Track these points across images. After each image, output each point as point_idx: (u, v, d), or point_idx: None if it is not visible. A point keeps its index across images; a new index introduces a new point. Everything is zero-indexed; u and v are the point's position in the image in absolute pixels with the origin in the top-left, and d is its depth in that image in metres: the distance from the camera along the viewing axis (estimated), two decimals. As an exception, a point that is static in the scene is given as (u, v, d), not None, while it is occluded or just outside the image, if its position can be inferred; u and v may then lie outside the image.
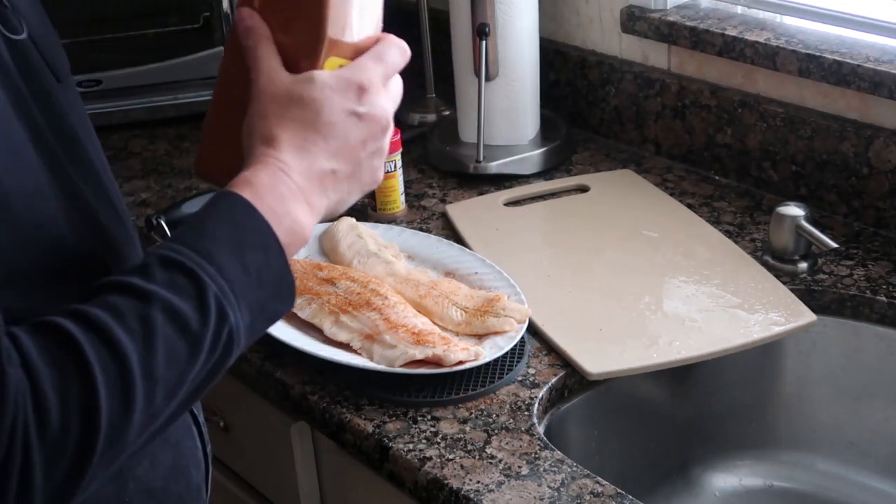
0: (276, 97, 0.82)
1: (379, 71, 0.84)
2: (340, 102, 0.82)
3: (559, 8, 1.64)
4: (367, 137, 0.83)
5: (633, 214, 1.39)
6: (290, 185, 0.79)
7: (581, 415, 1.16)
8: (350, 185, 0.84)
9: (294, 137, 0.81)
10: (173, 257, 0.73)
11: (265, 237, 0.77)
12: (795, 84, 1.40)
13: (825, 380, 1.26)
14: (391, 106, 0.85)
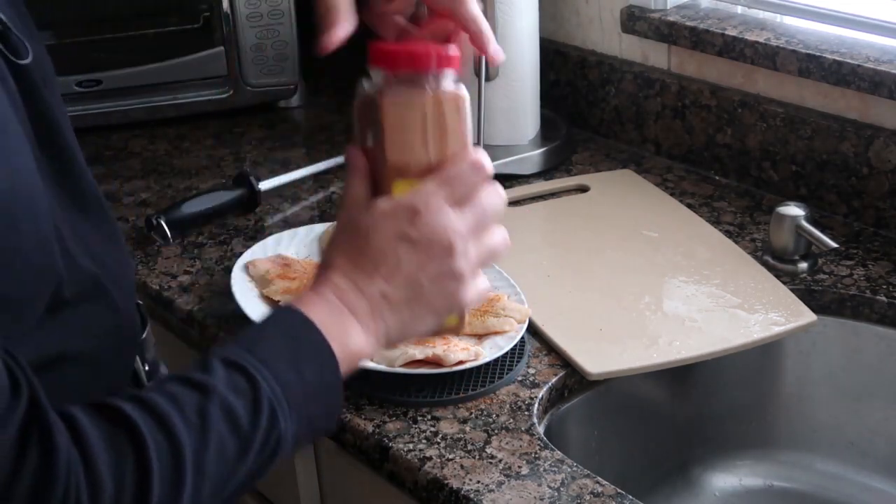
0: (343, 226, 0.86)
1: (441, 193, 0.83)
2: (392, 227, 0.83)
3: (559, 8, 1.64)
4: (424, 261, 0.83)
5: (633, 214, 1.39)
6: (342, 307, 0.82)
7: (581, 415, 1.16)
8: (413, 309, 0.84)
9: (346, 262, 0.83)
10: (234, 359, 0.75)
11: (321, 352, 0.79)
12: (795, 84, 1.40)
13: (825, 380, 1.26)
14: (461, 223, 0.84)
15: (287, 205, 1.49)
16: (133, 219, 1.46)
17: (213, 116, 1.76)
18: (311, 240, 1.34)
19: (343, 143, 1.67)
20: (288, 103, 1.80)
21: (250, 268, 1.26)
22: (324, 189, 1.53)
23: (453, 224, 0.83)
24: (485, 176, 0.85)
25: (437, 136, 0.84)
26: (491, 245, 0.86)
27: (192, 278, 1.32)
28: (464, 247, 0.83)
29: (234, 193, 1.46)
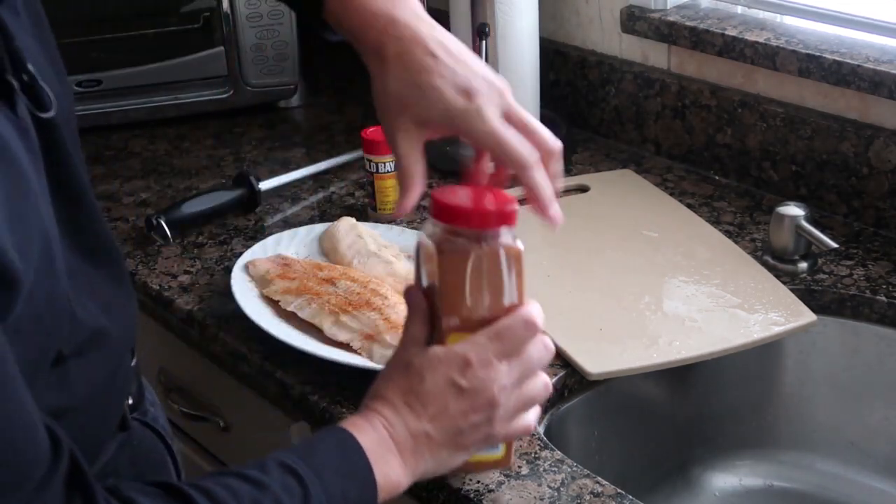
0: (397, 363, 0.91)
1: (492, 347, 0.88)
2: (444, 374, 0.88)
3: (559, 8, 1.65)
4: (468, 409, 0.88)
5: (633, 214, 1.39)
6: (387, 438, 0.87)
7: (581, 415, 1.16)
8: (450, 449, 0.89)
9: (398, 399, 0.88)
10: (289, 464, 0.81)
11: (365, 477, 0.84)
12: (795, 84, 1.40)
13: (825, 380, 1.26)
14: (507, 378, 0.89)
15: (287, 205, 1.49)
16: (133, 219, 1.46)
17: (213, 116, 1.76)
18: (311, 240, 1.34)
19: (342, 144, 1.67)
20: (288, 103, 1.80)
21: (250, 268, 1.26)
22: (324, 189, 1.53)
23: (500, 379, 0.88)
24: (535, 332, 0.90)
25: (491, 291, 0.89)
26: (532, 393, 0.92)
27: (192, 278, 1.32)
28: (506, 400, 0.89)
29: (234, 193, 1.46)
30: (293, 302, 1.18)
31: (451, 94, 0.88)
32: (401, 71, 0.90)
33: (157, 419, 1.02)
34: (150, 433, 1.00)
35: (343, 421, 0.89)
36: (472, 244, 0.88)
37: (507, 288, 0.89)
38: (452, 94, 0.88)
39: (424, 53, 0.89)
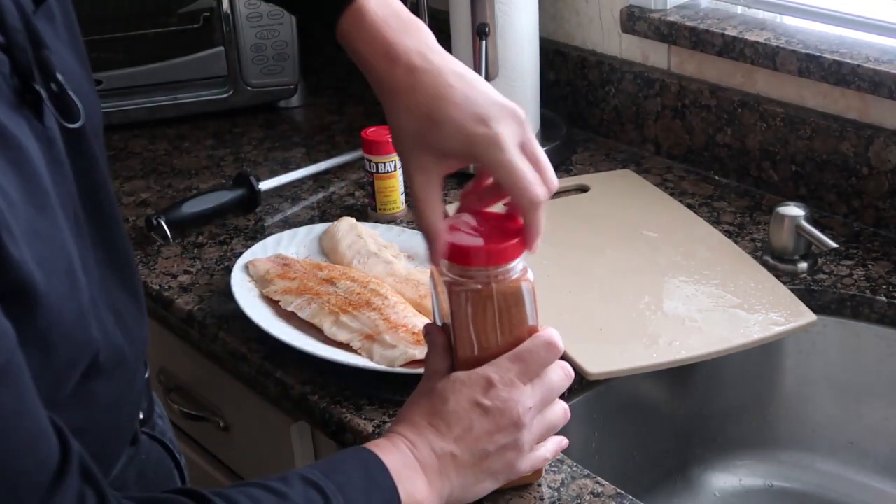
0: (421, 391, 0.92)
1: (514, 369, 0.89)
2: (467, 395, 0.89)
3: (559, 8, 1.65)
4: (493, 430, 0.88)
5: (633, 214, 1.39)
6: (411, 458, 0.87)
7: (581, 415, 1.16)
8: (476, 474, 0.89)
9: (421, 420, 0.89)
10: (312, 479, 0.81)
11: (390, 493, 0.84)
12: (795, 84, 1.40)
13: (825, 380, 1.26)
14: (530, 400, 0.89)
15: (287, 205, 1.49)
16: (133, 219, 1.46)
17: (213, 116, 1.76)
18: (311, 240, 1.34)
19: (342, 144, 1.67)
20: (288, 103, 1.80)
21: (250, 268, 1.26)
22: (324, 189, 1.53)
23: (524, 400, 0.89)
24: (556, 353, 0.90)
25: (504, 325, 0.90)
26: (552, 419, 0.93)
27: (192, 278, 1.32)
28: (530, 421, 0.90)
29: (234, 193, 1.46)
30: (293, 302, 1.18)
31: (469, 122, 0.86)
32: (414, 104, 0.88)
33: (164, 432, 1.02)
34: (158, 447, 0.99)
35: (370, 442, 0.89)
36: (483, 282, 0.89)
37: (518, 322, 0.90)
38: (471, 122, 0.86)
39: (438, 84, 0.88)
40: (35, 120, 0.73)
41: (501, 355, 0.90)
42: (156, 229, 1.39)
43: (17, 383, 0.66)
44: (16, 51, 0.72)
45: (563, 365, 0.93)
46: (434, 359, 0.93)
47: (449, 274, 0.89)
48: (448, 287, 0.89)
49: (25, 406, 0.67)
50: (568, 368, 0.93)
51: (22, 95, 0.73)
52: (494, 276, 0.88)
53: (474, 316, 0.89)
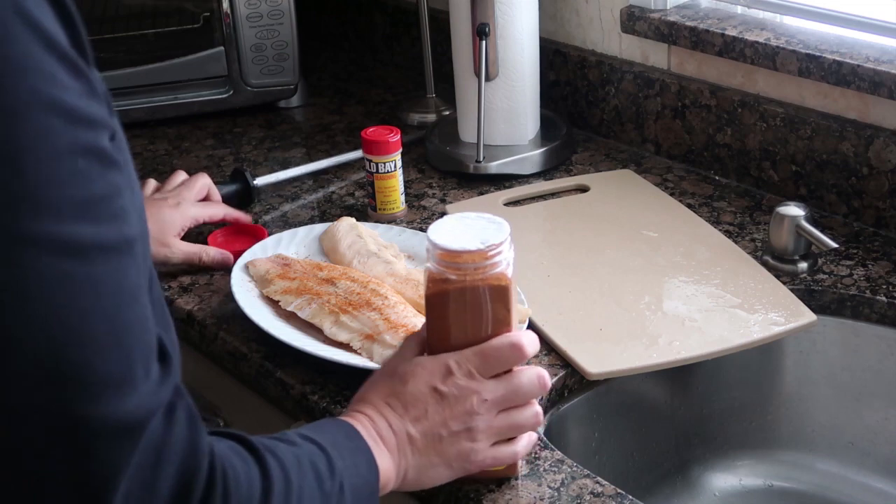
0: (384, 371, 0.95)
1: (475, 361, 0.92)
2: (427, 379, 0.91)
3: (559, 8, 1.65)
4: (447, 416, 0.91)
5: (633, 214, 1.39)
6: (375, 435, 0.89)
7: (581, 415, 1.16)
8: (430, 457, 0.92)
9: (379, 400, 0.92)
10: (308, 435, 0.84)
11: (368, 455, 0.87)
12: (795, 84, 1.40)
13: (825, 380, 1.26)
14: (490, 393, 0.92)
15: (287, 204, 1.49)
16: (133, 219, 1.46)
17: (213, 116, 1.76)
18: (311, 240, 1.34)
19: (342, 144, 1.67)
20: (288, 103, 1.80)
21: (250, 268, 1.26)
22: (324, 189, 1.53)
23: (481, 392, 0.91)
24: (521, 355, 0.92)
25: (473, 321, 0.92)
26: (517, 420, 0.94)
27: (192, 278, 1.32)
28: (486, 412, 0.92)
29: (229, 188, 1.47)
30: (293, 302, 1.18)
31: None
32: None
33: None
34: None
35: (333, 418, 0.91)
36: (456, 279, 0.91)
37: (489, 320, 0.92)
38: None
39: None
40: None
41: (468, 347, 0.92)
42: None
43: (142, 264, 0.67)
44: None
45: (540, 373, 0.95)
46: (407, 342, 0.96)
47: (430, 265, 0.92)
48: (426, 281, 0.92)
49: (143, 288, 0.67)
50: (544, 378, 0.95)
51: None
52: (475, 270, 0.90)
53: (438, 314, 0.92)
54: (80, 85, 0.63)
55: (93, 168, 0.63)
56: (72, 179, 0.62)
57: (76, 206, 0.62)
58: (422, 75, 1.72)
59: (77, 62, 0.63)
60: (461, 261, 0.90)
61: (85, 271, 0.62)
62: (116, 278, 0.64)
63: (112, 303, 0.64)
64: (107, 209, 0.64)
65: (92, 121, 0.63)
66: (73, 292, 0.62)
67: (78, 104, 0.62)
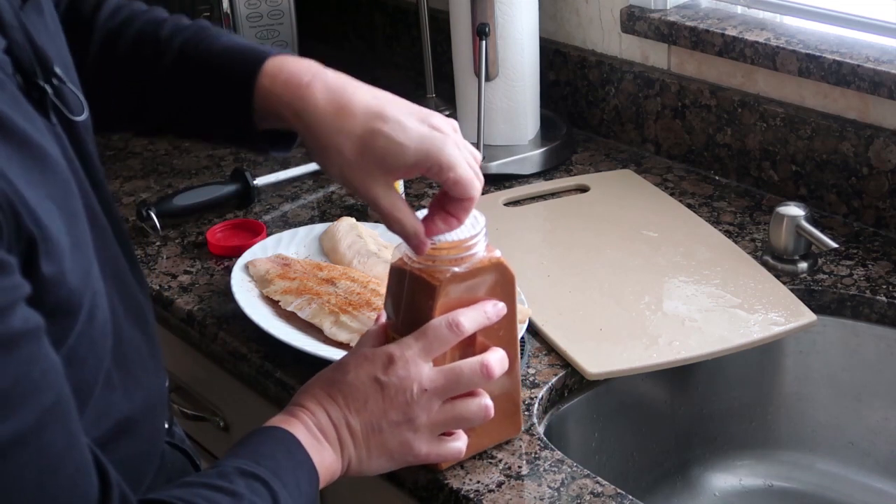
0: (335, 363, 0.95)
1: (416, 346, 0.90)
2: (367, 369, 0.91)
3: (559, 8, 1.65)
4: (387, 406, 0.90)
5: (633, 214, 1.39)
6: (312, 427, 0.89)
7: (581, 415, 1.16)
8: (371, 447, 0.91)
9: (320, 391, 0.91)
10: (249, 470, 0.82)
11: (309, 469, 0.87)
12: (795, 84, 1.40)
13: (825, 380, 1.26)
14: (431, 382, 0.90)
15: (287, 204, 1.49)
16: (133, 219, 1.46)
17: (213, 116, 1.76)
18: (311, 240, 1.34)
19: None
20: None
21: (250, 268, 1.26)
22: (323, 188, 1.53)
23: (420, 378, 0.90)
24: (457, 335, 0.90)
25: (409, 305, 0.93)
26: (462, 411, 0.92)
27: (192, 278, 1.32)
28: (426, 402, 0.90)
29: (228, 188, 1.47)
30: (293, 302, 1.18)
31: (414, 125, 0.88)
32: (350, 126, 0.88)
33: (183, 440, 1.02)
34: (180, 455, 1.00)
35: (271, 420, 0.91)
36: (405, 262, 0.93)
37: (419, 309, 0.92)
38: (416, 124, 0.88)
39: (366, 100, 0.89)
40: (42, 118, 0.72)
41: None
42: (146, 220, 1.40)
43: (66, 418, 0.66)
44: (16, 49, 0.71)
45: (484, 360, 0.92)
46: (365, 336, 0.96)
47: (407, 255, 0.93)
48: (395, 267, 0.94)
49: (72, 441, 0.67)
50: (488, 366, 0.92)
51: (27, 94, 0.72)
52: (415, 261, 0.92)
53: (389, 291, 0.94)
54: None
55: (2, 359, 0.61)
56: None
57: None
58: (422, 75, 1.72)
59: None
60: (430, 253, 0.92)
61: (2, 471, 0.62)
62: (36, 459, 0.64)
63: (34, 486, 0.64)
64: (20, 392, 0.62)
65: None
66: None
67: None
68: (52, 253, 0.66)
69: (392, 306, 0.95)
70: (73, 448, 0.67)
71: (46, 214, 0.66)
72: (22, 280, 0.63)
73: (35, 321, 0.64)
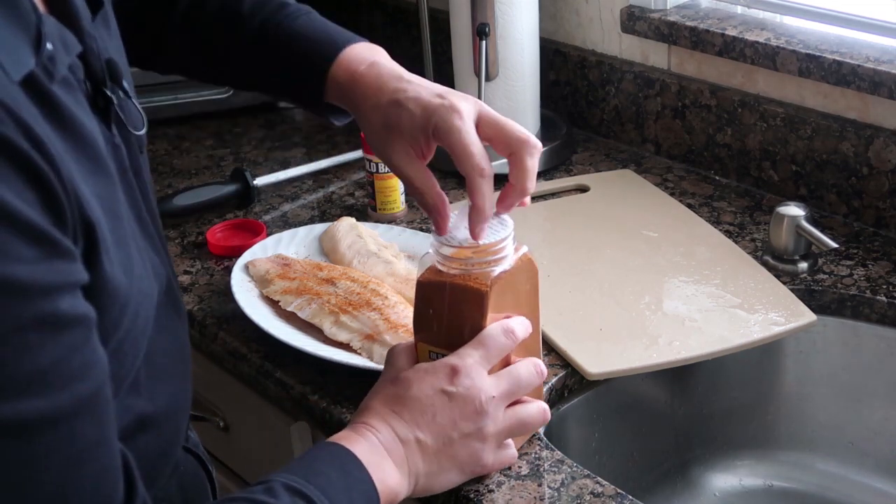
0: (386, 378, 0.93)
1: (476, 355, 0.90)
2: (431, 382, 0.90)
3: (559, 8, 1.64)
4: (457, 417, 0.89)
5: (633, 214, 1.39)
6: (377, 445, 0.87)
7: (581, 415, 1.16)
8: (442, 461, 0.90)
9: (383, 407, 0.90)
10: (296, 486, 0.80)
11: (367, 488, 0.85)
12: (795, 84, 1.40)
13: (825, 380, 1.26)
14: (494, 390, 0.91)
15: (287, 204, 1.49)
16: (133, 219, 1.46)
17: (213, 116, 1.76)
18: (311, 240, 1.34)
19: (342, 144, 1.67)
20: (288, 103, 1.80)
21: (250, 268, 1.26)
22: (324, 189, 1.53)
23: (486, 386, 0.90)
24: (514, 339, 0.92)
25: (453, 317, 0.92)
26: (525, 416, 0.93)
27: (192, 278, 1.32)
28: (494, 411, 0.90)
29: (228, 188, 1.47)
30: (293, 302, 1.18)
31: (429, 97, 0.94)
32: (377, 102, 0.96)
33: (197, 444, 1.02)
34: (193, 459, 1.00)
35: (333, 436, 0.89)
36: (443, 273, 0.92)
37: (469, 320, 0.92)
38: (431, 97, 0.94)
39: (400, 80, 0.97)
40: (103, 126, 0.74)
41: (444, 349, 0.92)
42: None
43: (101, 414, 0.67)
44: (90, 56, 0.73)
45: (535, 361, 0.94)
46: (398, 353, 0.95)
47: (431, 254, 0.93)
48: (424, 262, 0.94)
49: (104, 438, 0.67)
50: (540, 366, 0.94)
51: (93, 101, 0.74)
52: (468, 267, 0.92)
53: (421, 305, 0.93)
54: (38, 251, 0.61)
55: (44, 337, 0.62)
56: (17, 357, 0.61)
57: (21, 383, 0.61)
58: (422, 75, 1.72)
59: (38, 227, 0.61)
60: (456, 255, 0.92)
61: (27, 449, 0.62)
62: (64, 445, 0.64)
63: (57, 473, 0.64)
64: (59, 374, 0.63)
65: (47, 287, 0.61)
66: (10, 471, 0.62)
67: (32, 275, 0.60)
68: (106, 247, 0.68)
69: (427, 320, 0.94)
70: (103, 446, 0.67)
71: (96, 209, 0.68)
72: (80, 268, 0.65)
73: (84, 310, 0.65)
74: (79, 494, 0.65)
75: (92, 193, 0.68)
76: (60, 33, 0.68)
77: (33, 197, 0.61)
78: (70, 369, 0.63)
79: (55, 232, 0.62)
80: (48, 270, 0.61)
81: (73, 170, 0.65)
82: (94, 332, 0.66)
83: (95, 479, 0.66)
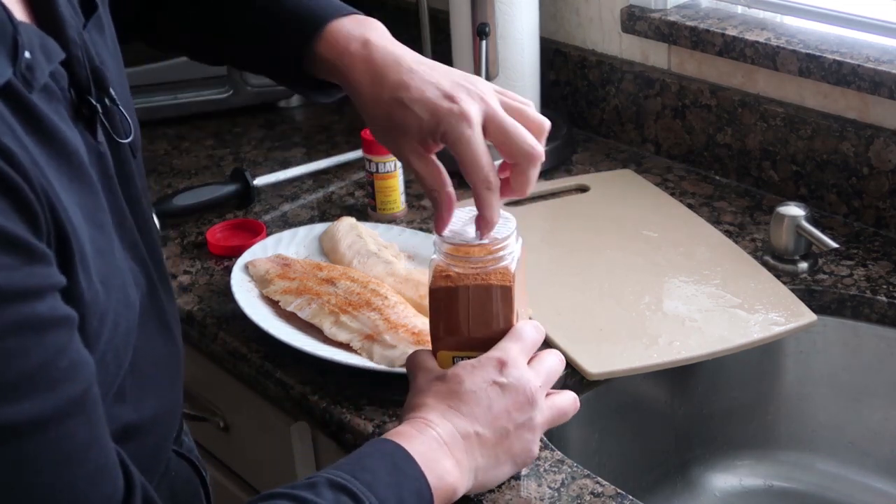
0: (426, 381, 0.92)
1: (516, 348, 0.92)
2: (482, 375, 0.90)
3: (559, 8, 1.64)
4: (511, 407, 0.90)
5: (633, 214, 1.39)
6: (436, 439, 0.86)
7: (581, 415, 1.15)
8: (499, 453, 0.90)
9: (439, 403, 0.89)
10: (340, 482, 0.79)
11: (419, 482, 0.83)
12: (795, 84, 1.40)
13: (825, 380, 1.26)
14: (537, 380, 0.91)
15: (286, 204, 1.49)
16: (133, 219, 1.46)
17: (213, 116, 1.76)
18: (311, 240, 1.34)
19: (342, 144, 1.67)
20: (288, 103, 1.80)
21: (250, 268, 1.26)
22: (324, 189, 1.53)
23: (531, 376, 0.91)
24: (542, 333, 0.94)
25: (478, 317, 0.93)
26: (563, 405, 0.95)
27: (192, 278, 1.32)
28: (541, 401, 0.91)
29: (228, 188, 1.47)
30: (293, 302, 1.18)
31: (434, 98, 0.91)
32: (378, 96, 0.93)
33: (191, 450, 1.02)
34: (186, 464, 0.99)
35: (388, 433, 0.88)
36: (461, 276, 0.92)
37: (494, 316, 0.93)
38: (437, 98, 0.91)
39: (400, 72, 0.93)
40: (88, 134, 0.74)
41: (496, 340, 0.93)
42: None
43: (91, 414, 0.66)
44: (75, 64, 0.73)
45: (554, 350, 0.96)
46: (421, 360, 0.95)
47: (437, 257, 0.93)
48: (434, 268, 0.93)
49: (96, 438, 0.67)
50: (559, 354, 0.96)
51: (77, 109, 0.73)
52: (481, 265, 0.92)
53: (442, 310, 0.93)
54: (14, 258, 0.60)
55: (27, 341, 0.61)
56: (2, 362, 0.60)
57: (8, 387, 0.61)
58: (422, 75, 1.72)
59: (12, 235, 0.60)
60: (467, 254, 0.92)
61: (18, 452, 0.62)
62: (56, 447, 0.64)
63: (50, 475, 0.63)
64: (46, 377, 0.62)
65: (25, 292, 0.61)
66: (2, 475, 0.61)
67: (9, 281, 0.60)
68: (83, 256, 0.67)
69: (448, 326, 0.94)
70: (96, 446, 0.67)
71: (75, 218, 0.67)
72: (56, 272, 0.64)
73: (64, 312, 0.65)
74: (74, 495, 0.65)
75: (72, 203, 0.67)
76: (41, 41, 0.68)
77: (6, 205, 0.61)
78: (57, 371, 0.63)
79: (31, 238, 0.62)
80: (27, 275, 0.61)
81: (51, 179, 0.65)
82: (75, 333, 0.66)
83: (91, 479, 0.66)
